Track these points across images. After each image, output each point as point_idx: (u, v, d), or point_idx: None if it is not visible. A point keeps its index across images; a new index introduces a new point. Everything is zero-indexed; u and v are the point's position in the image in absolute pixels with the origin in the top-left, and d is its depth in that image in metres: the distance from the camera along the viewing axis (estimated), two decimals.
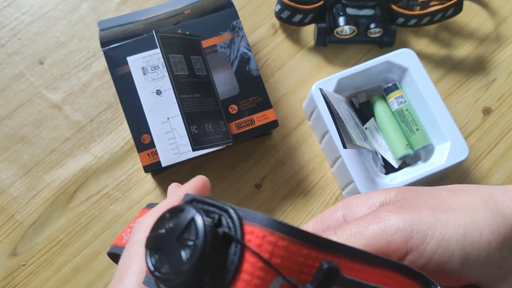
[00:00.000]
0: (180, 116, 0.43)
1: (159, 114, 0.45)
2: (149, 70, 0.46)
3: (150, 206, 0.30)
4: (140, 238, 0.23)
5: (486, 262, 0.22)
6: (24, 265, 0.46)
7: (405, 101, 0.48)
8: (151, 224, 0.20)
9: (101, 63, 0.53)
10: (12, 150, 0.50)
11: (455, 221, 0.23)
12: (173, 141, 0.44)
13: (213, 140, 0.43)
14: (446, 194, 0.25)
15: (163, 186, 0.49)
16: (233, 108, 0.46)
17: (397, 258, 0.23)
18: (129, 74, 0.45)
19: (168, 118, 0.45)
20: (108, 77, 0.52)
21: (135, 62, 0.46)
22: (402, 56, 0.48)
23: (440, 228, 0.23)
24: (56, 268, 0.46)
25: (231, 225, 0.18)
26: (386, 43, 0.53)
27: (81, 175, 0.49)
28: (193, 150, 0.41)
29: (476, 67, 0.55)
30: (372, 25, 0.51)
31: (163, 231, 0.19)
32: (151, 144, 0.44)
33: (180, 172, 0.49)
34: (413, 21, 0.53)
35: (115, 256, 0.29)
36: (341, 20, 0.51)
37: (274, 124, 0.46)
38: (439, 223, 0.23)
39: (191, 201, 0.21)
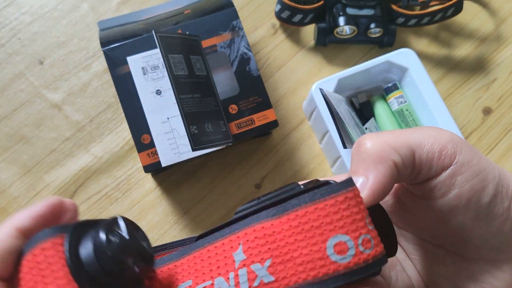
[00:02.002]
0: (180, 116, 0.43)
1: (159, 114, 0.44)
2: (149, 70, 0.46)
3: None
4: None
5: (506, 213, 0.23)
6: None
7: (405, 101, 0.48)
8: None
9: (101, 63, 0.53)
10: (12, 150, 0.50)
11: (492, 163, 0.24)
12: (173, 141, 0.44)
13: (213, 140, 0.43)
14: None
15: (163, 186, 0.49)
16: (233, 108, 0.46)
17: (440, 167, 0.23)
18: (129, 74, 0.45)
19: (168, 118, 0.44)
20: (108, 77, 0.52)
21: (135, 62, 0.46)
22: (402, 56, 0.48)
23: (482, 160, 0.24)
24: None
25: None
26: (386, 43, 0.53)
27: (81, 175, 0.49)
28: (193, 150, 0.41)
29: (476, 67, 0.55)
30: (372, 25, 0.51)
31: None
32: (151, 144, 0.44)
33: (180, 172, 0.49)
34: (413, 21, 0.53)
35: None
36: (341, 20, 0.51)
37: (274, 124, 0.46)
38: (482, 158, 0.24)
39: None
